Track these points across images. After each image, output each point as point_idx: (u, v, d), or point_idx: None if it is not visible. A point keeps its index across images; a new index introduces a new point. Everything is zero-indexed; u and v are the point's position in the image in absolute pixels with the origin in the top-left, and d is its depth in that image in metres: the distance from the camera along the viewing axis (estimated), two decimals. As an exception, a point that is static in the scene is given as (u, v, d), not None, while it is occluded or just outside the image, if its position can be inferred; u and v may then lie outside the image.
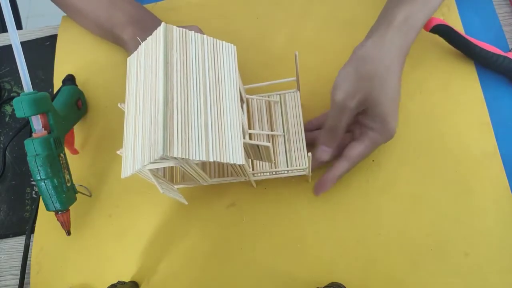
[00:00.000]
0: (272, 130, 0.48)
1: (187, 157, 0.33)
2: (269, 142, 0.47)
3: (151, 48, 0.37)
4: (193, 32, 0.38)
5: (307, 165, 0.43)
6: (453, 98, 0.48)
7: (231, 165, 0.40)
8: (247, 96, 0.49)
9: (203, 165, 0.47)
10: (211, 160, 0.34)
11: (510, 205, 0.43)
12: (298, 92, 0.49)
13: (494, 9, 0.52)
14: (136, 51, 0.40)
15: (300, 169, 0.44)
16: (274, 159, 0.46)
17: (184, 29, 0.37)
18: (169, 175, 0.47)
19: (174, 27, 0.37)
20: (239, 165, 0.39)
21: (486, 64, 0.48)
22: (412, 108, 0.49)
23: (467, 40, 0.47)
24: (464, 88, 0.48)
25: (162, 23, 0.36)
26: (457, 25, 0.51)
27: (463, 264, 0.42)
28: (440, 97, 0.49)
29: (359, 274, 0.43)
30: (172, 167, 0.48)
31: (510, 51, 0.48)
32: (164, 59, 0.35)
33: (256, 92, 0.51)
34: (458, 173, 0.45)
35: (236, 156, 0.36)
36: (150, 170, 0.38)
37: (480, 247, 0.42)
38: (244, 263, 0.46)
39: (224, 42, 0.40)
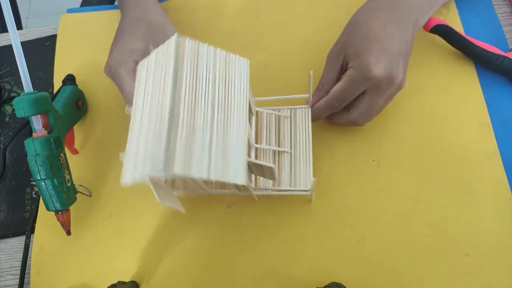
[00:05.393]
0: (279, 146, 0.47)
1: (188, 175, 0.32)
2: (275, 157, 0.47)
3: (161, 58, 0.36)
4: (206, 45, 0.37)
5: (310, 187, 0.43)
6: (453, 98, 0.48)
7: None
8: (257, 108, 0.48)
9: None
10: (212, 179, 0.33)
11: (510, 205, 0.43)
12: (310, 109, 0.48)
13: (494, 9, 0.52)
14: (147, 57, 0.39)
15: (303, 190, 0.44)
16: (278, 177, 0.46)
17: (196, 42, 0.36)
18: (170, 181, 0.46)
19: (187, 39, 0.36)
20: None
21: (486, 64, 0.48)
22: (412, 108, 0.49)
23: (467, 40, 0.47)
24: (464, 88, 0.48)
25: (175, 34, 0.35)
26: (457, 25, 0.51)
27: (463, 264, 0.42)
28: (440, 97, 0.49)
29: (359, 274, 0.43)
30: None
31: (510, 51, 0.48)
32: (173, 73, 0.34)
33: (264, 102, 0.50)
34: (458, 173, 0.45)
35: (237, 175, 0.35)
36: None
37: (480, 247, 0.42)
38: (244, 263, 0.46)
39: (237, 56, 0.40)
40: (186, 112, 0.34)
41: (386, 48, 0.42)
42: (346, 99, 0.44)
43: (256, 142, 0.48)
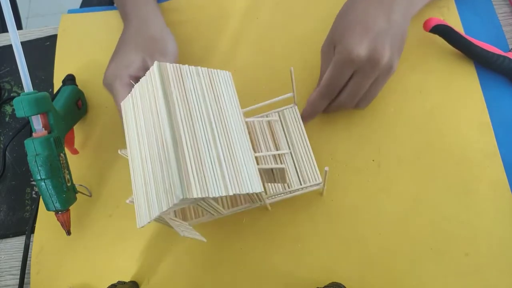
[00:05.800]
0: (277, 149, 0.47)
1: (207, 195, 0.32)
2: (276, 162, 0.47)
3: (146, 89, 0.36)
4: (186, 66, 0.37)
5: (321, 179, 0.42)
6: (453, 98, 0.48)
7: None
8: (246, 119, 0.48)
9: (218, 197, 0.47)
10: (231, 193, 0.33)
11: (510, 205, 0.43)
12: (296, 106, 0.48)
13: (494, 9, 0.52)
14: (129, 95, 0.39)
15: (314, 185, 0.44)
16: (288, 178, 0.45)
17: (177, 64, 0.36)
18: (181, 214, 0.46)
19: (167, 64, 0.36)
20: (257, 193, 0.38)
21: (486, 64, 0.48)
22: (412, 108, 0.49)
23: (467, 40, 0.47)
24: (464, 88, 0.48)
25: (155, 62, 0.35)
26: (457, 25, 0.51)
27: (463, 264, 0.42)
28: (440, 97, 0.49)
29: (359, 274, 0.43)
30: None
31: (510, 51, 0.48)
32: (164, 98, 0.34)
33: (252, 111, 0.50)
34: (458, 173, 0.45)
35: (253, 184, 0.35)
36: (165, 215, 0.36)
37: (480, 247, 0.42)
38: (244, 263, 0.46)
39: (218, 70, 0.40)
40: (187, 135, 0.33)
41: (368, 28, 0.42)
42: (336, 85, 0.44)
43: (255, 152, 0.48)
